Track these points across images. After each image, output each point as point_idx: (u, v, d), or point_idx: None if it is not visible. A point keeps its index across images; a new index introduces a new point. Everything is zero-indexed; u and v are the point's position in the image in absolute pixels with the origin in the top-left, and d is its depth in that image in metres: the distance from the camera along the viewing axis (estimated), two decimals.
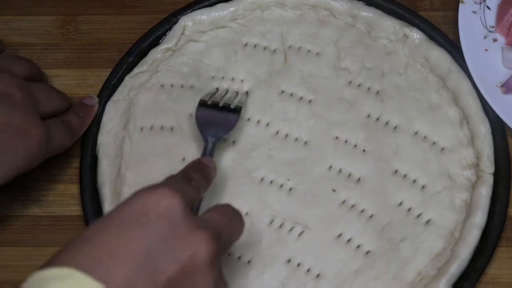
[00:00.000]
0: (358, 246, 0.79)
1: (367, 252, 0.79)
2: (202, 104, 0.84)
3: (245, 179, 0.83)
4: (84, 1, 0.95)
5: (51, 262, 0.54)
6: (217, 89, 0.87)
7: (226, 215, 0.64)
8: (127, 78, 0.88)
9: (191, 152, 0.85)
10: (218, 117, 0.83)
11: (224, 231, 0.62)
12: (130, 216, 0.57)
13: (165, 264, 0.55)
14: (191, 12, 0.91)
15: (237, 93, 0.87)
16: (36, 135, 0.75)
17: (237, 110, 0.84)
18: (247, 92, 0.87)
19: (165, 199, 0.58)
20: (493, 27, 0.88)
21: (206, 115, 0.83)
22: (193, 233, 0.57)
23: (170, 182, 0.62)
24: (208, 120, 0.83)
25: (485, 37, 0.87)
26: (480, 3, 0.88)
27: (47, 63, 0.90)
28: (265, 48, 0.90)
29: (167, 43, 0.90)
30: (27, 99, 0.75)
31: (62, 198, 0.85)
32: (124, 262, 0.54)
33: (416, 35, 0.88)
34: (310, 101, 0.87)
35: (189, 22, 0.91)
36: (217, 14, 0.91)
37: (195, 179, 0.67)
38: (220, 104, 0.84)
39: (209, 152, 0.79)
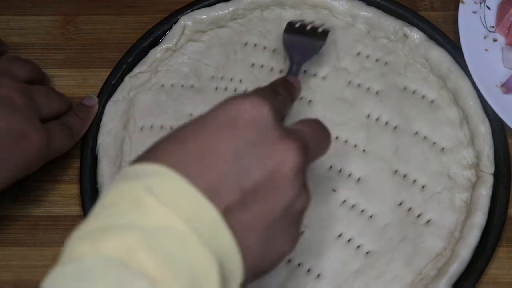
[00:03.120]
0: (358, 246, 0.79)
1: (367, 252, 0.79)
2: (290, 26, 0.86)
3: None
4: (84, 1, 0.95)
5: (142, 159, 0.54)
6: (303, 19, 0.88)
7: (315, 129, 0.64)
8: (127, 78, 0.89)
9: None
10: (305, 40, 0.85)
11: (312, 143, 0.61)
12: (220, 121, 0.56)
13: (252, 170, 0.55)
14: (191, 11, 0.91)
15: (323, 23, 0.87)
16: (37, 139, 0.75)
17: (323, 35, 0.85)
18: (332, 26, 0.89)
19: (255, 106, 0.57)
20: (493, 27, 0.88)
21: (294, 36, 0.85)
22: (281, 141, 0.57)
23: (260, 92, 0.62)
24: (294, 41, 0.84)
25: (485, 37, 0.87)
26: (480, 3, 0.88)
27: (47, 63, 0.90)
28: (265, 47, 0.90)
29: (167, 43, 0.90)
30: (28, 103, 0.75)
31: (62, 198, 0.85)
32: (213, 165, 0.54)
33: (416, 35, 0.88)
34: (310, 101, 0.87)
35: (189, 22, 0.91)
36: (217, 13, 0.91)
37: (281, 94, 0.67)
38: (308, 28, 0.85)
39: (295, 71, 0.81)
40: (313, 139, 0.62)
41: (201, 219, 0.51)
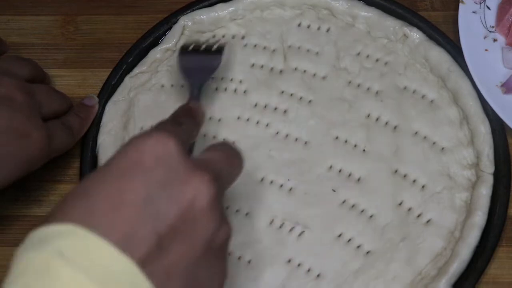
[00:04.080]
0: (358, 246, 0.79)
1: (367, 252, 0.79)
2: (183, 49, 0.84)
3: (245, 179, 0.83)
4: (84, 1, 0.95)
5: (50, 219, 0.52)
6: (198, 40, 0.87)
7: (224, 154, 0.62)
8: (127, 78, 0.89)
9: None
10: (200, 60, 0.83)
11: (223, 170, 0.59)
12: (125, 165, 0.54)
13: (165, 211, 0.53)
14: (190, 12, 0.91)
15: (217, 40, 0.86)
16: (37, 138, 0.75)
17: (218, 52, 0.83)
18: (226, 42, 0.87)
19: (159, 143, 0.55)
20: (493, 27, 0.88)
21: (188, 59, 0.83)
22: (191, 175, 0.55)
23: (162, 126, 0.60)
24: (190, 64, 0.82)
25: (485, 37, 0.87)
26: (480, 3, 0.88)
27: (47, 63, 0.90)
28: (264, 48, 0.90)
29: (166, 43, 0.90)
30: (28, 102, 0.75)
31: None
32: (123, 214, 0.51)
33: (416, 35, 0.88)
34: (310, 101, 0.87)
35: (189, 22, 0.91)
36: (216, 14, 0.91)
37: (185, 123, 0.65)
38: (202, 48, 0.84)
39: (196, 96, 0.78)
40: (224, 165, 0.60)
41: (117, 276, 0.49)
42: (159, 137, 0.55)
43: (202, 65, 0.82)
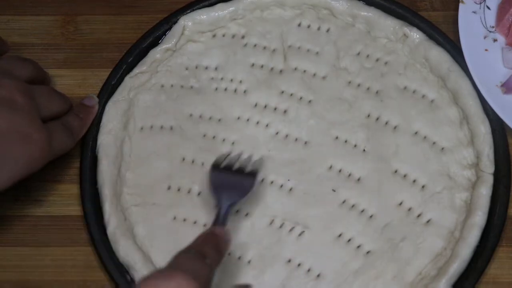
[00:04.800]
0: (358, 246, 0.79)
1: (367, 252, 0.79)
2: (215, 167, 0.80)
3: None
4: (84, 1, 0.95)
5: None
6: (230, 153, 0.82)
7: None
8: (127, 79, 0.88)
9: (191, 152, 0.85)
10: (232, 180, 0.78)
11: None
12: None
13: None
14: (190, 12, 0.91)
15: (250, 157, 0.82)
16: (38, 140, 0.74)
17: (253, 174, 0.79)
18: (261, 158, 0.83)
19: None
20: (493, 27, 0.88)
21: (221, 178, 0.78)
22: None
23: (183, 264, 0.58)
24: (222, 183, 0.78)
25: (485, 37, 0.87)
26: (480, 3, 0.88)
27: (47, 63, 0.90)
28: (264, 48, 0.90)
29: (166, 43, 0.90)
30: (29, 104, 0.75)
31: (62, 198, 0.85)
32: None
33: (416, 34, 0.88)
34: (310, 101, 0.87)
35: (189, 22, 0.91)
36: (216, 14, 0.91)
37: (209, 256, 0.62)
38: (235, 168, 0.80)
39: (222, 218, 0.73)
40: None
41: None
42: (181, 283, 0.54)
43: (234, 186, 0.77)
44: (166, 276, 0.55)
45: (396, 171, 0.83)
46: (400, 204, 0.81)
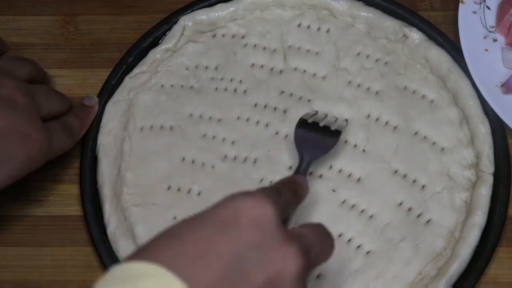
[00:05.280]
0: (358, 246, 0.79)
1: (367, 252, 0.79)
2: (302, 122, 0.83)
3: (245, 180, 0.83)
4: (84, 1, 0.95)
5: (138, 256, 0.52)
6: (317, 112, 0.85)
7: (318, 234, 0.61)
8: (127, 79, 0.88)
9: (191, 152, 0.85)
10: (316, 137, 0.81)
11: (314, 248, 0.59)
12: (222, 218, 0.55)
13: (252, 273, 0.53)
14: (190, 12, 0.91)
15: (336, 118, 0.84)
16: (37, 139, 0.75)
17: (336, 133, 0.82)
18: (346, 120, 0.85)
19: (258, 205, 0.56)
20: (493, 27, 0.88)
21: (305, 133, 0.82)
22: (284, 245, 0.55)
23: (263, 190, 0.60)
24: (306, 138, 0.81)
25: (485, 37, 0.87)
26: (480, 3, 0.88)
27: (47, 63, 0.90)
28: (264, 48, 0.90)
29: (166, 44, 0.90)
30: (29, 103, 0.75)
31: (62, 198, 0.85)
32: (212, 265, 0.52)
33: (415, 35, 0.88)
34: (309, 100, 0.87)
35: (189, 22, 0.91)
36: (216, 14, 0.91)
37: (285, 194, 0.64)
38: (321, 125, 0.82)
39: (303, 170, 0.78)
40: (316, 245, 0.60)
41: None
42: (259, 199, 0.56)
43: (317, 142, 0.81)
44: (247, 194, 0.57)
45: (396, 171, 0.83)
46: (400, 204, 0.81)
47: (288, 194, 0.64)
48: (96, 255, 0.81)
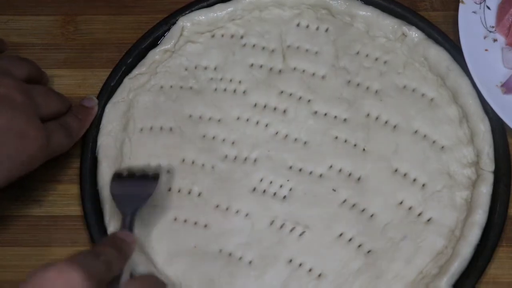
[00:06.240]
0: (359, 246, 0.79)
1: (368, 252, 0.79)
2: (117, 176, 0.80)
3: (245, 181, 0.83)
4: (84, 1, 0.95)
5: None
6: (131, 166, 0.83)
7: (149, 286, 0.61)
8: (126, 80, 0.88)
9: (191, 152, 0.85)
10: (134, 188, 0.79)
11: None
12: None
13: None
14: (189, 12, 0.91)
15: (155, 167, 0.83)
16: (36, 138, 0.75)
17: (155, 177, 0.79)
18: (161, 166, 0.84)
19: (61, 277, 0.54)
20: (493, 27, 0.88)
21: (122, 187, 0.79)
22: None
23: (72, 258, 0.59)
24: (124, 192, 0.78)
25: (485, 37, 0.87)
26: (480, 3, 0.89)
27: (47, 63, 0.90)
28: (263, 48, 0.90)
29: (165, 45, 0.90)
30: (27, 102, 0.75)
31: (62, 198, 0.85)
32: None
33: (414, 33, 0.88)
34: (309, 101, 0.87)
35: (188, 23, 0.91)
36: (215, 14, 0.91)
37: (105, 254, 0.63)
38: (137, 175, 0.80)
39: (128, 225, 0.75)
40: None
41: None
42: (62, 270, 0.54)
43: (135, 192, 0.78)
44: (48, 266, 0.55)
45: (396, 170, 0.83)
46: (401, 203, 0.81)
47: (110, 254, 0.63)
48: None
